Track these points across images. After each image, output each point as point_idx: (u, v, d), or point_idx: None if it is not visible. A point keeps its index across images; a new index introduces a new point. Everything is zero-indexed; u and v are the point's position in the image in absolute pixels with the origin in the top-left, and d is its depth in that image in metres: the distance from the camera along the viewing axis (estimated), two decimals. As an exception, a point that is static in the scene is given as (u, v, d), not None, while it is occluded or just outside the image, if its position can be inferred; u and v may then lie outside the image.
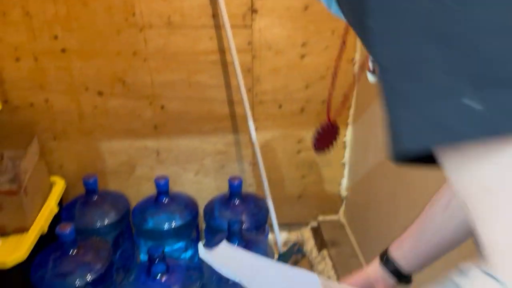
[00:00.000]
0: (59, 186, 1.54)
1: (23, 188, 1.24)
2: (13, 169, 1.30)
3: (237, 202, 1.52)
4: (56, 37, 1.40)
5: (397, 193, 1.32)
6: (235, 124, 1.61)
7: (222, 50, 1.48)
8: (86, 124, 1.55)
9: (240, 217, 1.42)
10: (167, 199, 1.53)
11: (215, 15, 1.43)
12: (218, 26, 1.45)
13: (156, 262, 1.13)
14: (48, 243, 1.33)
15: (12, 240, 1.26)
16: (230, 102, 1.57)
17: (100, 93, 1.50)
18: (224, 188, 1.59)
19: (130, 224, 1.60)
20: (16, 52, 1.40)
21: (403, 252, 0.62)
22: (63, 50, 1.42)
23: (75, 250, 1.27)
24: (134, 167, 1.64)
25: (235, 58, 1.43)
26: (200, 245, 0.74)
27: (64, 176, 1.60)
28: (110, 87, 1.50)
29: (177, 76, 1.51)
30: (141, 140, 1.60)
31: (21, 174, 1.26)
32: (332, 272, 1.60)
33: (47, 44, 1.40)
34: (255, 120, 1.56)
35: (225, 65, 1.51)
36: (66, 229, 1.23)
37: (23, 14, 1.35)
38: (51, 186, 1.52)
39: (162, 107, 1.55)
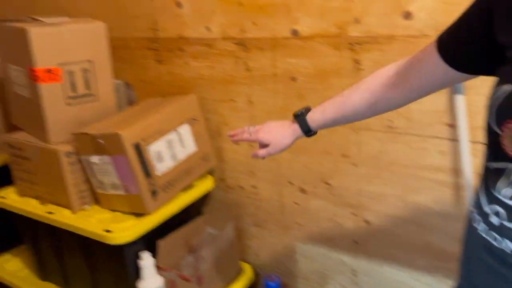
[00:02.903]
0: (247, 276, 1.47)
1: (196, 276, 1.22)
2: (195, 260, 1.29)
3: None
4: (270, 128, 1.36)
5: None
6: (463, 269, 1.15)
7: (455, 170, 1.09)
8: (285, 218, 1.43)
9: None
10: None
11: (453, 125, 1.07)
12: (454, 140, 1.08)
13: None
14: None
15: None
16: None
17: (303, 190, 1.36)
18: None
19: None
20: (236, 136, 1.43)
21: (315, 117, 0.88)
22: (275, 141, 1.37)
23: None
24: (326, 279, 1.41)
25: (469, 185, 1.02)
26: None
27: (257, 265, 1.53)
28: (314, 186, 1.34)
29: (390, 190, 1.21)
30: (337, 252, 1.36)
31: (200, 263, 1.24)
32: None
33: (262, 133, 1.37)
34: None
35: (457, 190, 1.11)
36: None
37: (247, 102, 1.37)
38: (239, 272, 1.46)
39: (367, 222, 1.27)
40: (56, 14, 1.46)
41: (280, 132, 0.93)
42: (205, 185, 1.43)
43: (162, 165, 1.26)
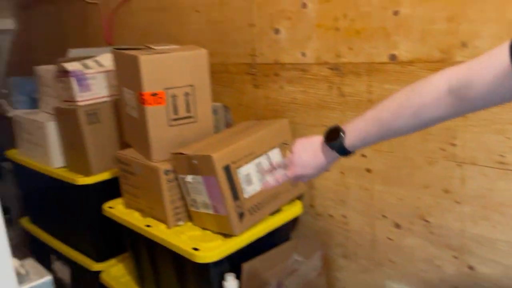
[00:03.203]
0: (332, 310, 1.40)
1: (278, 305, 1.19)
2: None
3: None
4: (364, 156, 1.29)
5: None
6: None
7: None
8: (377, 254, 1.34)
9: None
10: None
11: None
12: None
13: None
14: None
15: None
16: None
17: (397, 225, 1.26)
18: None
19: None
20: (327, 163, 1.39)
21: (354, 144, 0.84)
22: (368, 170, 1.29)
23: None
24: (421, 326, 1.28)
25: None
26: None
27: (345, 299, 1.45)
28: (410, 222, 1.23)
29: (500, 235, 1.06)
30: (435, 298, 1.22)
31: (281, 291, 1.21)
32: None
33: (355, 161, 1.31)
34: None
35: None
36: None
37: (340, 128, 1.33)
38: (325, 306, 1.40)
39: (471, 268, 1.13)
40: (167, 42, 1.59)
41: (316, 163, 0.93)
42: (293, 210, 1.41)
43: (251, 188, 1.28)
